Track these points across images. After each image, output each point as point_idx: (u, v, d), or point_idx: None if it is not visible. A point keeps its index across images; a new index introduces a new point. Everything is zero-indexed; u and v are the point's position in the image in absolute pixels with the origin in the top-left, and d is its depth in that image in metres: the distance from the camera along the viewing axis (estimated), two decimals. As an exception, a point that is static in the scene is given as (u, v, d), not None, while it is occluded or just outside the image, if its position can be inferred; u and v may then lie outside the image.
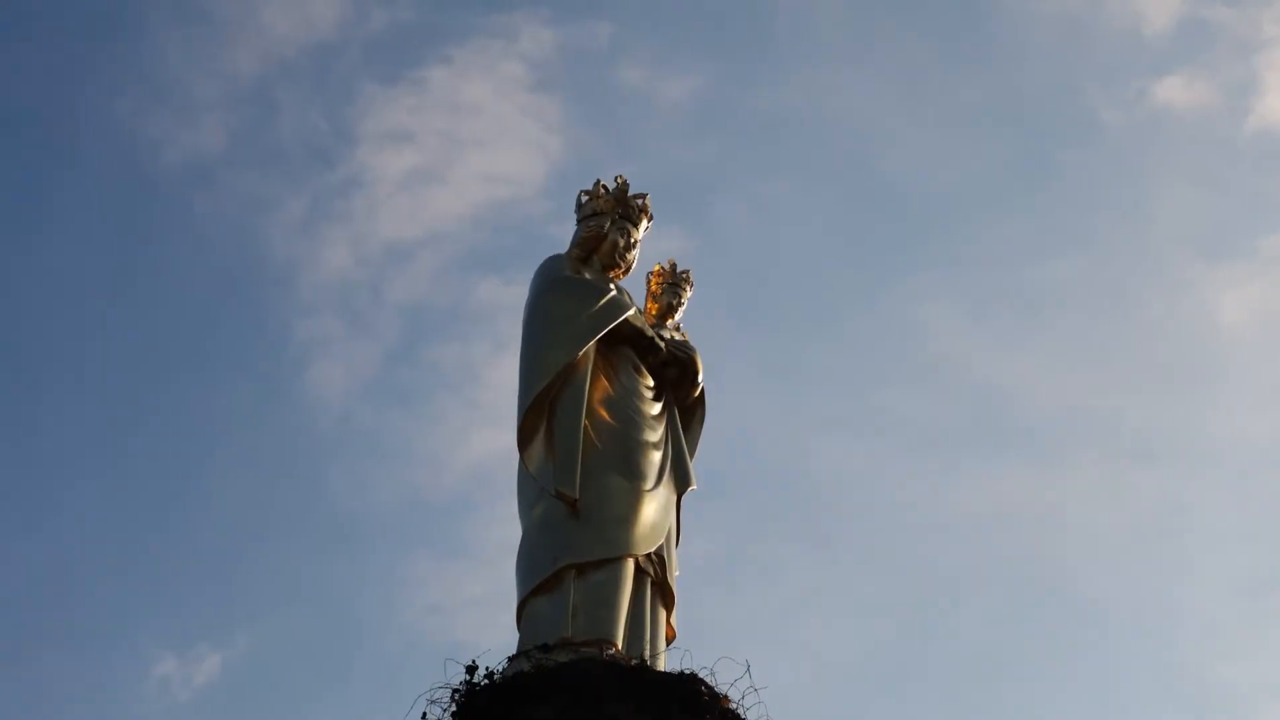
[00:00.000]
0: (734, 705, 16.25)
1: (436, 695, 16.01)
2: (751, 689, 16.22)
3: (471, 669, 16.13)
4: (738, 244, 43.20)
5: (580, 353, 17.95)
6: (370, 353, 43.36)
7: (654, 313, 19.96)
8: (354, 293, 42.41)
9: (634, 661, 16.44)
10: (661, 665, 17.17)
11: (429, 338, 43.74)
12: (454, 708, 15.98)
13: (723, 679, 16.30)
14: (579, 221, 19.41)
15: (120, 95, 42.58)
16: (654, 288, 20.13)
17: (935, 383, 43.25)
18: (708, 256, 42.93)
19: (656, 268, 20.28)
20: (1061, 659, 41.50)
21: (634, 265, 19.60)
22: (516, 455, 17.84)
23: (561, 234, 19.35)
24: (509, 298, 20.10)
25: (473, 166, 43.28)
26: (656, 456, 18.05)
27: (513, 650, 16.75)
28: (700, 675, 16.30)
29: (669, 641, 17.70)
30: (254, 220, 42.99)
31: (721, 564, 41.23)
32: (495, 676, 16.15)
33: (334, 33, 42.82)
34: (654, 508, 17.62)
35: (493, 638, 16.41)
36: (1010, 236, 43.65)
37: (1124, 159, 44.39)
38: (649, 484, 17.69)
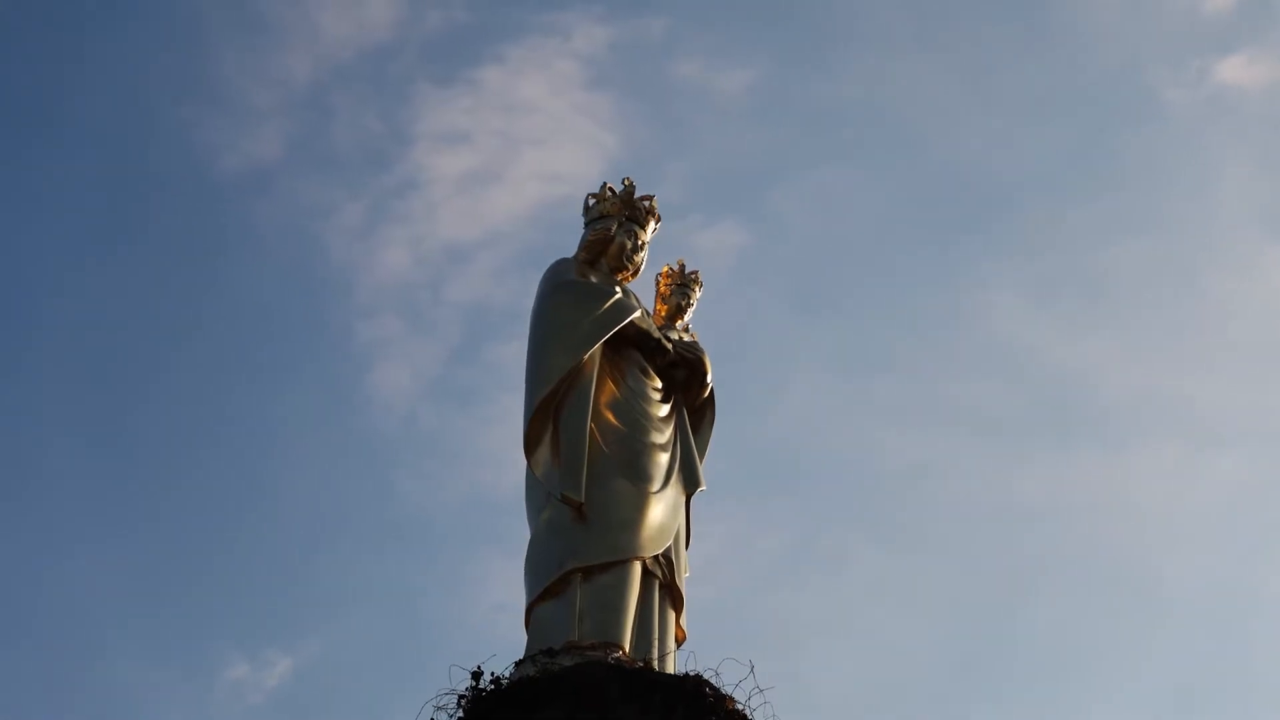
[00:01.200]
0: (740, 706, 16.21)
1: (443, 701, 16.08)
2: (757, 689, 16.20)
3: (477, 675, 16.17)
4: (798, 235, 43.21)
5: (585, 357, 17.94)
6: (432, 353, 43.52)
7: (663, 314, 19.94)
8: (414, 294, 42.58)
9: (638, 664, 16.41)
10: (671, 667, 17.19)
11: (490, 337, 43.71)
12: (460, 714, 16.03)
13: (729, 679, 16.27)
14: (586, 225, 19.45)
15: (180, 104, 43.01)
16: (662, 289, 20.11)
17: (1003, 370, 43.04)
18: (768, 249, 43.07)
19: (665, 268, 20.26)
20: (1135, 650, 41.32)
21: (643, 267, 19.60)
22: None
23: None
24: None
25: (529, 165, 43.22)
26: (664, 458, 18.05)
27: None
28: (705, 677, 16.26)
29: (680, 643, 17.69)
30: (313, 225, 43.30)
31: (789, 558, 41.44)
32: (501, 682, 16.18)
33: (388, 35, 43.00)
34: (661, 510, 17.60)
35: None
36: (1075, 220, 43.24)
37: (1188, 139, 43.82)
38: (655, 486, 17.69)
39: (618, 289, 18.78)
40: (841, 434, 41.92)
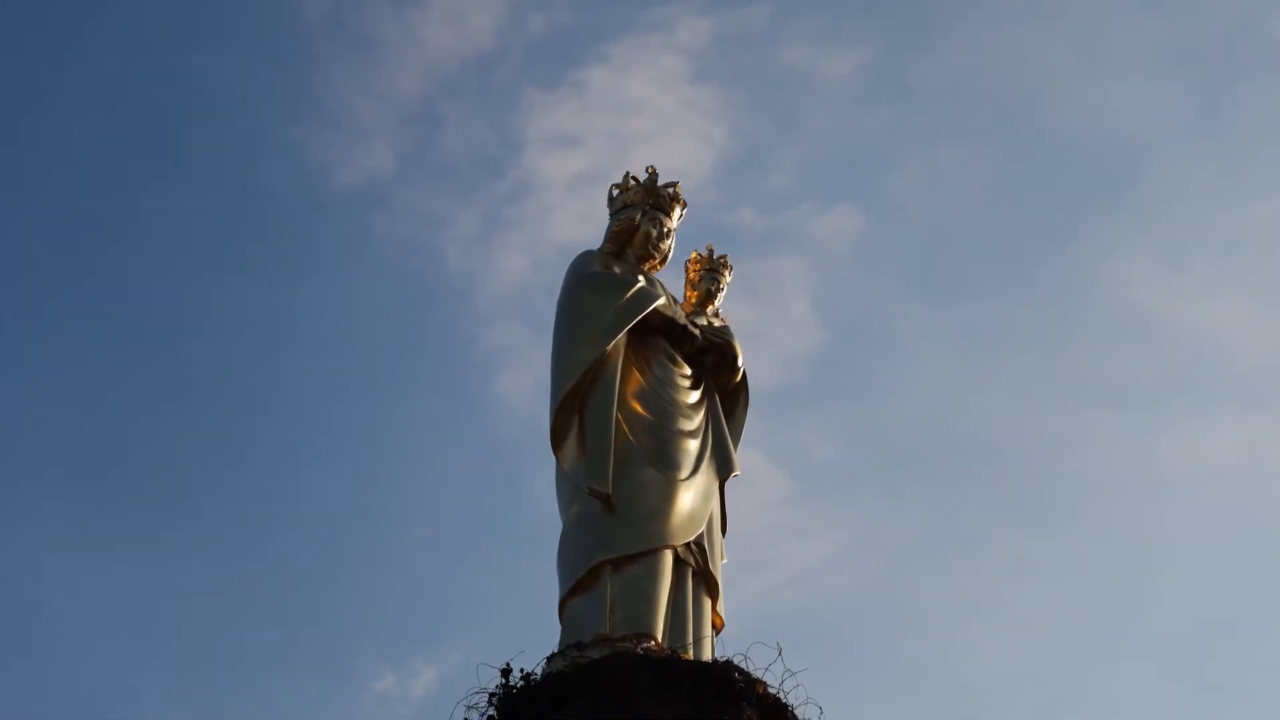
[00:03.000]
0: (774, 690, 15.99)
1: (474, 700, 16.04)
2: (789, 673, 15.97)
3: (506, 672, 16.11)
4: (914, 214, 42.93)
5: (608, 347, 17.80)
6: (555, 357, 43.41)
7: (694, 300, 19.73)
8: (533, 298, 42.51)
9: (666, 653, 16.22)
10: (708, 655, 16.99)
11: None
12: (492, 711, 15.98)
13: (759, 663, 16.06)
14: (610, 216, 19.32)
15: (293, 125, 43.70)
16: (692, 275, 19.90)
17: (1135, 338, 42.42)
18: (885, 232, 42.84)
19: (694, 254, 20.04)
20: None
21: (670, 254, 19.41)
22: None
23: (732, 221, 19.39)
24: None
25: (640, 163, 42.97)
26: (693, 445, 17.85)
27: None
28: (735, 662, 16.07)
29: (718, 630, 17.48)
30: (429, 235, 43.68)
31: (927, 543, 41.06)
32: (531, 678, 16.10)
33: (492, 43, 43.32)
34: (690, 497, 17.40)
35: None
36: (1201, 180, 42.39)
37: (1316, 89, 42.65)
38: (684, 473, 17.49)
39: (640, 277, 18.61)
40: (973, 414, 41.74)
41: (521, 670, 16.13)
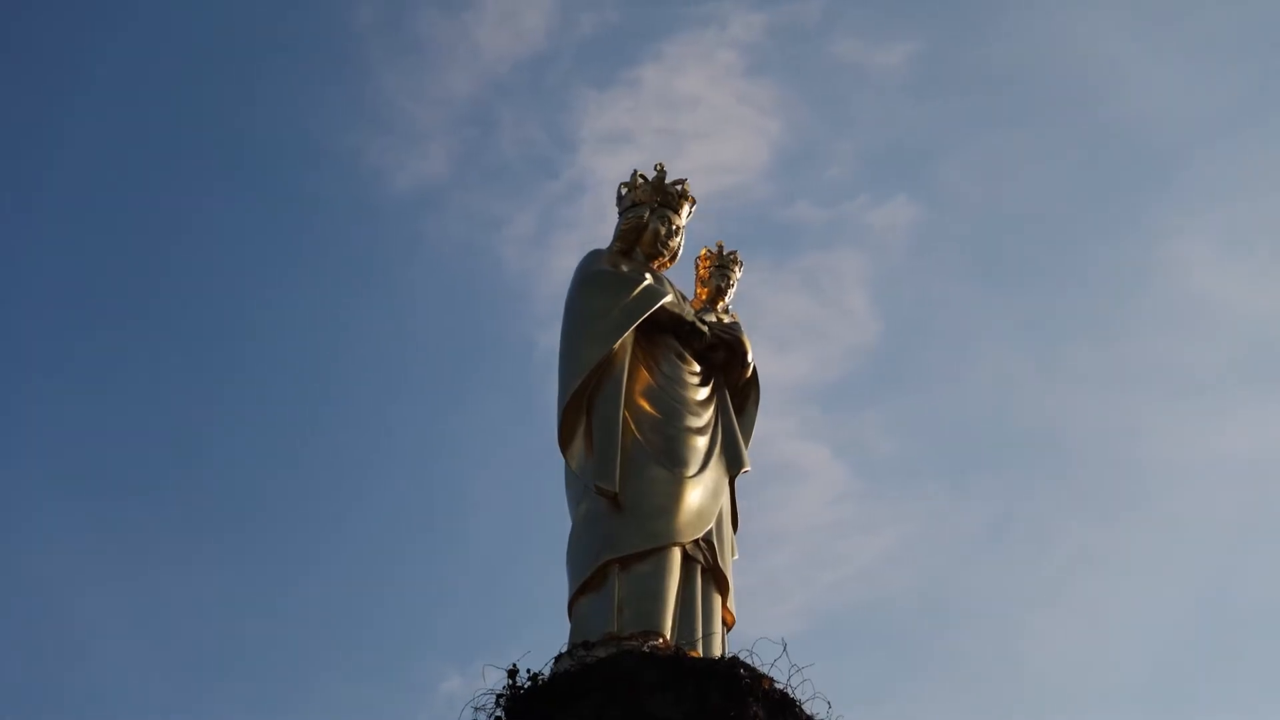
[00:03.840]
0: (781, 686, 15.89)
1: (481, 701, 16.05)
2: (795, 668, 15.88)
3: (513, 673, 16.10)
4: (971, 203, 42.56)
5: (614, 346, 17.78)
6: (616, 357, 43.41)
7: (704, 297, 19.68)
8: (590, 300, 42.70)
9: (671, 650, 16.16)
10: (718, 652, 16.92)
11: None
12: (499, 712, 15.99)
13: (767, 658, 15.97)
14: (619, 215, 19.31)
15: (348, 132, 43.88)
16: (702, 272, 19.84)
17: (1197, 324, 41.78)
18: (942, 222, 42.51)
19: (703, 251, 19.97)
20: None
21: (680, 252, 19.38)
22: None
23: (789, 216, 19.28)
24: (745, 285, 20.08)
25: (695, 159, 42.89)
26: (700, 442, 17.79)
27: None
28: (741, 658, 15.99)
29: (729, 627, 17.41)
30: (485, 237, 43.65)
31: (992, 534, 40.77)
32: (538, 679, 16.09)
33: (544, 43, 43.21)
34: (698, 494, 17.35)
35: (763, 627, 16.44)
36: (1262, 163, 41.48)
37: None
38: (691, 470, 17.44)
39: (647, 275, 18.57)
40: (1035, 404, 41.33)
41: (528, 670, 16.11)
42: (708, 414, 18.21)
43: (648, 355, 18.27)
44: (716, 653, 16.82)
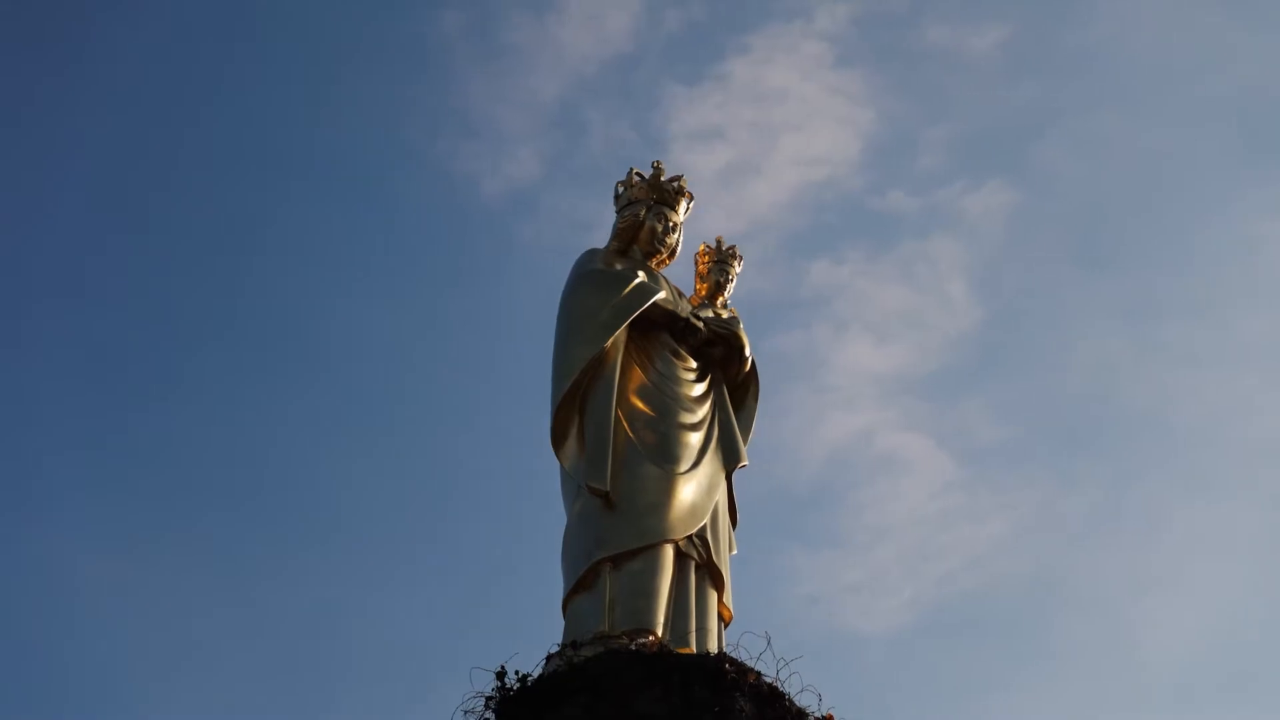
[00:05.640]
0: (769, 679, 15.68)
1: (470, 705, 15.99)
2: (782, 662, 15.68)
3: (501, 674, 16.03)
4: (1068, 186, 42.00)
5: (606, 344, 17.73)
6: (710, 353, 43.13)
7: (703, 293, 19.58)
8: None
9: (657, 647, 16.01)
10: (713, 648, 16.76)
11: (768, 329, 43.01)
12: (489, 714, 15.93)
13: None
14: (617, 213, 19.29)
15: (437, 138, 44.06)
16: (701, 267, 19.75)
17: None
18: (1039, 205, 42.09)
19: (702, 246, 19.90)
20: None
21: (678, 249, 19.29)
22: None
23: (883, 205, 19.11)
24: (842, 277, 20.05)
25: (786, 153, 42.65)
26: (694, 438, 17.66)
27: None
28: (728, 653, 15.82)
29: (726, 623, 17.25)
30: (579, 239, 43.39)
31: (1101, 518, 40.17)
32: (527, 680, 16.01)
33: (630, 43, 43.13)
34: (691, 490, 17.22)
35: (874, 622, 16.25)
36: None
37: None
38: (683, 466, 17.32)
39: (640, 273, 18.50)
40: (1140, 385, 40.82)
41: (517, 672, 16.04)
42: (703, 410, 18.08)
43: (641, 353, 18.19)
44: (711, 649, 16.65)
